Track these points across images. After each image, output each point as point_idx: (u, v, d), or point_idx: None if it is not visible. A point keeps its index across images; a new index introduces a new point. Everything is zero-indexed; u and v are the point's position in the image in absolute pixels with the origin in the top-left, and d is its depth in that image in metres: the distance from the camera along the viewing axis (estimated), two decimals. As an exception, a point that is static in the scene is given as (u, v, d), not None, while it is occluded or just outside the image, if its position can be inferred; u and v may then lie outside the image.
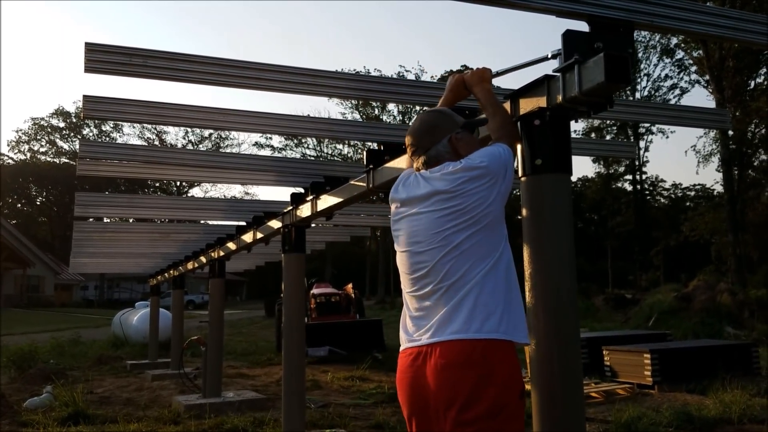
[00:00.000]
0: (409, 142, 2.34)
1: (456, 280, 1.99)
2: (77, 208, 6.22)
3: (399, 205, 2.27)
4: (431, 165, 2.23)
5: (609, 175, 43.13)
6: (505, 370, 1.92)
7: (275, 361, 11.90)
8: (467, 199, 2.05)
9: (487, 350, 1.91)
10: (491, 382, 1.88)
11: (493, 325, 1.93)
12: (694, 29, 2.43)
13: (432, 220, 2.09)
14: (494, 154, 2.11)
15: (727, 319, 15.52)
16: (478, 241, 2.02)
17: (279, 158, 7.34)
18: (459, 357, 1.91)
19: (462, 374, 1.89)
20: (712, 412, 6.28)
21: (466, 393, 1.87)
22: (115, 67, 2.83)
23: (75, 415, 6.55)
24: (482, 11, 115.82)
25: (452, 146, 2.23)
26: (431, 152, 2.24)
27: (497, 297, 1.97)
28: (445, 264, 2.02)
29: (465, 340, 1.92)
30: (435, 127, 2.29)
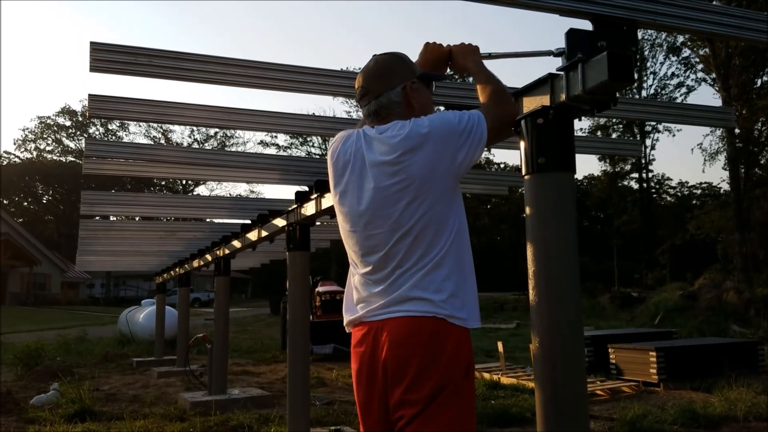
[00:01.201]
0: (358, 84, 2.10)
1: (410, 265, 1.89)
2: (83, 206, 6.25)
3: (339, 174, 2.07)
4: (379, 117, 2.04)
5: (615, 173, 43.04)
6: (451, 348, 1.84)
7: (280, 358, 11.94)
8: (412, 172, 1.88)
9: (436, 329, 1.84)
10: (437, 361, 1.82)
11: (443, 306, 1.85)
12: (698, 28, 2.43)
13: (380, 198, 1.93)
14: (446, 120, 1.91)
15: (733, 318, 15.47)
16: (432, 222, 1.89)
17: (284, 157, 7.37)
18: (408, 334, 1.85)
19: (410, 352, 1.83)
20: (717, 410, 6.27)
21: (413, 371, 1.82)
22: (120, 66, 2.85)
23: (81, 412, 6.60)
24: (487, 10, 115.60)
25: (405, 96, 2.03)
26: (382, 99, 2.03)
27: (450, 277, 1.88)
28: (398, 250, 1.90)
29: (414, 317, 1.85)
30: (390, 70, 2.06)
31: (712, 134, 31.79)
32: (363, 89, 2.08)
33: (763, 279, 23.87)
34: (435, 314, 1.84)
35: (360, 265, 2.02)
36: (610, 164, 42.31)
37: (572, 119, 2.26)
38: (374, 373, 1.91)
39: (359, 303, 2.01)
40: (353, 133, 2.08)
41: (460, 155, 1.90)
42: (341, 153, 2.07)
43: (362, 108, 2.10)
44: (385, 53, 2.11)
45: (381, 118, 2.04)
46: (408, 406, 1.83)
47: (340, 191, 2.06)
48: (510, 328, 18.94)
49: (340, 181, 2.06)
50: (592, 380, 8.18)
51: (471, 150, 1.91)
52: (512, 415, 6.35)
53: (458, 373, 1.84)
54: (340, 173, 2.06)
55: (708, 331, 14.17)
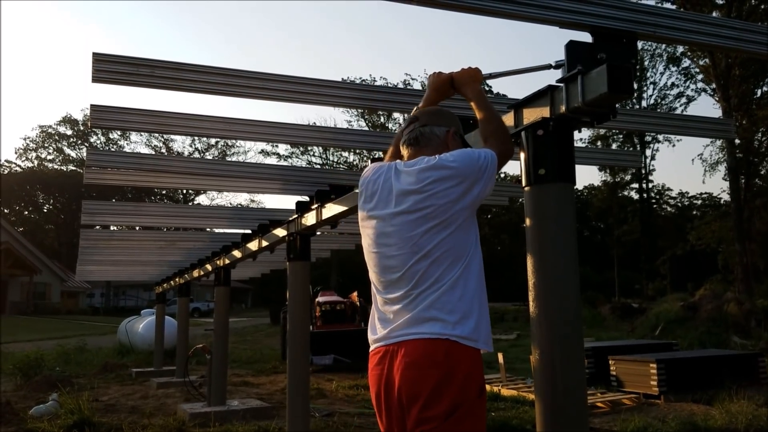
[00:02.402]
0: (410, 116, 2.32)
1: (427, 287, 1.99)
2: (84, 215, 6.26)
3: (368, 199, 2.23)
4: (417, 143, 2.21)
5: (615, 183, 43.05)
6: (464, 370, 1.93)
7: (280, 369, 11.90)
8: (435, 201, 2.02)
9: (450, 351, 1.93)
10: (451, 382, 1.90)
11: (457, 328, 1.94)
12: (697, 40, 2.44)
13: (402, 222, 2.06)
14: (468, 156, 2.07)
15: (734, 329, 15.43)
16: (450, 247, 2.01)
17: (284, 167, 7.37)
18: (422, 356, 1.94)
19: (425, 373, 1.92)
20: (718, 423, 6.24)
21: (428, 391, 1.90)
22: (122, 77, 2.86)
23: (80, 422, 6.56)
24: (489, 21, 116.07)
25: (446, 138, 2.22)
26: (426, 129, 2.22)
27: (464, 301, 1.98)
28: (416, 271, 2.01)
29: (429, 339, 1.94)
30: (442, 115, 2.29)
31: (712, 145, 31.84)
32: (413, 118, 2.28)
33: (764, 290, 23.79)
34: (448, 336, 1.93)
35: (379, 285, 2.14)
36: (610, 174, 42.34)
37: (572, 131, 2.27)
38: (390, 395, 2.01)
39: (379, 323, 2.13)
40: (384, 165, 2.24)
41: (477, 189, 2.04)
42: (371, 181, 2.23)
43: (405, 135, 2.26)
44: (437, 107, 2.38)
45: (418, 145, 2.21)
46: (424, 424, 1.90)
47: (367, 215, 2.21)
48: (510, 338, 18.90)
49: (367, 206, 2.21)
50: (593, 392, 8.15)
51: (486, 184, 2.06)
52: (513, 427, 6.33)
53: (472, 394, 1.93)
54: (369, 199, 2.21)
55: (709, 342, 14.14)
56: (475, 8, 2.11)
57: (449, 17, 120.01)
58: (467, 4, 2.09)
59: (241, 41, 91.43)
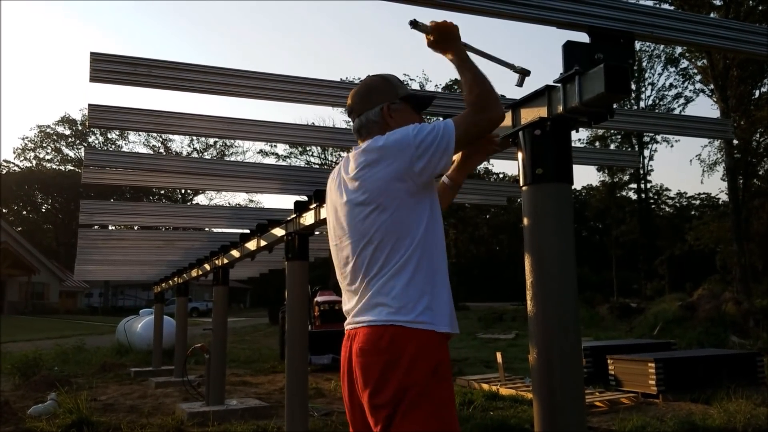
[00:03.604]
0: (347, 102, 2.22)
1: (374, 273, 1.97)
2: (82, 215, 6.26)
3: (328, 192, 2.25)
4: (360, 135, 2.15)
5: (613, 183, 43.10)
6: (411, 353, 1.87)
7: (279, 368, 11.90)
8: (369, 186, 1.98)
9: (394, 336, 1.89)
10: (396, 367, 1.86)
11: (401, 312, 1.90)
12: (695, 40, 2.45)
13: (348, 211, 2.05)
14: (401, 133, 1.98)
15: (732, 329, 15.46)
16: (391, 230, 1.95)
17: (283, 166, 7.38)
18: (368, 343, 1.93)
19: (370, 360, 1.91)
20: (716, 422, 6.25)
21: (375, 378, 1.89)
22: (120, 76, 2.86)
23: (79, 422, 6.56)
24: (487, 21, 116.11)
25: (383, 117, 2.11)
26: (362, 118, 2.14)
27: (414, 284, 1.93)
28: (364, 258, 1.99)
29: (374, 326, 1.93)
30: (372, 91, 2.15)
31: (710, 145, 31.93)
32: (349, 107, 2.20)
33: (762, 290, 23.86)
34: (393, 322, 1.90)
35: (341, 277, 2.14)
36: (608, 175, 42.38)
37: (569, 131, 2.27)
38: (351, 380, 2.02)
39: (346, 313, 2.12)
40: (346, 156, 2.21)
41: (418, 165, 1.94)
42: (332, 174, 2.23)
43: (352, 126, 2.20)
44: (373, 75, 2.21)
45: (362, 136, 2.15)
46: (375, 412, 1.90)
47: (326, 209, 2.24)
48: (509, 338, 18.90)
49: (327, 199, 2.25)
50: (591, 391, 8.16)
51: (433, 160, 1.95)
52: (511, 426, 6.33)
53: (421, 377, 1.86)
54: (328, 192, 2.24)
55: (707, 342, 14.15)
56: (473, 8, 2.11)
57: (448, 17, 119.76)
58: (465, 4, 2.10)
59: (239, 41, 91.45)
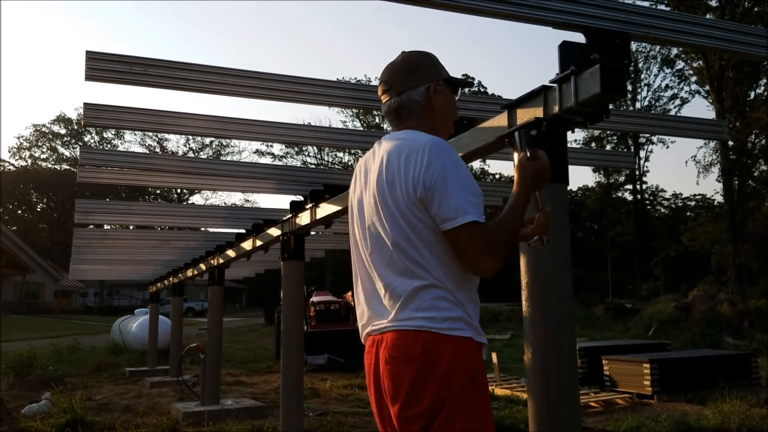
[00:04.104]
0: (381, 79, 2.00)
1: (409, 276, 1.81)
2: (77, 214, 6.24)
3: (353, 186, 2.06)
4: (398, 116, 1.95)
5: (609, 184, 43.19)
6: (446, 362, 1.72)
7: (274, 368, 11.89)
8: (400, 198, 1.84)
9: (429, 342, 1.74)
10: (431, 376, 1.72)
11: (438, 320, 1.76)
12: (690, 41, 2.46)
13: (378, 211, 1.90)
14: (452, 183, 1.75)
15: (727, 329, 15.51)
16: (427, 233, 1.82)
17: (278, 166, 7.38)
18: (399, 350, 1.77)
19: (402, 368, 1.76)
20: (711, 423, 6.27)
21: (407, 388, 1.74)
22: (115, 75, 2.85)
23: (73, 421, 6.54)
24: (485, 20, 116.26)
25: (428, 97, 1.92)
26: (403, 97, 1.93)
27: (448, 288, 1.79)
28: (396, 261, 1.85)
29: (407, 331, 1.77)
30: (417, 69, 1.96)
31: (706, 146, 32.02)
32: (386, 84, 1.97)
33: (756, 291, 23.94)
34: (428, 328, 1.75)
35: (363, 275, 1.99)
36: (604, 175, 42.47)
37: (565, 131, 2.27)
38: (379, 390, 1.88)
39: (367, 314, 1.96)
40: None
41: (433, 210, 1.77)
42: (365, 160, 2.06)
43: (383, 104, 1.99)
44: (414, 51, 2.02)
45: (400, 117, 1.95)
46: (406, 424, 1.75)
47: (352, 202, 2.05)
48: (504, 338, 18.92)
49: (354, 190, 2.04)
50: (586, 392, 8.17)
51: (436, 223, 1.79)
52: (506, 426, 6.34)
53: (459, 384, 1.73)
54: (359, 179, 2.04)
55: (702, 342, 14.20)
56: (470, 8, 2.11)
57: (445, 17, 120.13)
58: (462, 4, 2.10)
59: (236, 40, 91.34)
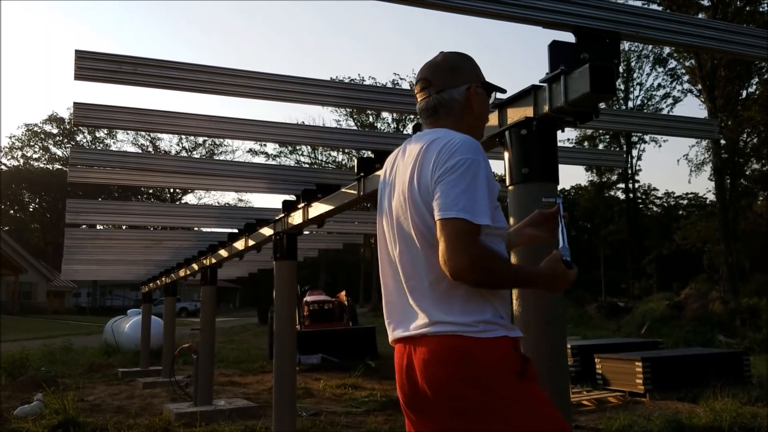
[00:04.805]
0: (420, 76, 1.98)
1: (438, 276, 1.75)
2: (69, 214, 6.22)
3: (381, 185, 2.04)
4: (436, 114, 1.92)
5: (602, 183, 43.34)
6: (485, 366, 1.69)
7: (267, 368, 11.86)
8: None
9: (466, 348, 1.70)
10: (472, 383, 1.68)
11: (472, 321, 1.72)
12: (681, 41, 2.46)
13: (407, 210, 1.87)
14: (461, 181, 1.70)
15: (719, 328, 15.59)
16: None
17: (271, 166, 7.36)
18: (437, 355, 1.71)
19: (441, 376, 1.70)
20: (703, 421, 6.29)
21: (449, 396, 1.69)
22: (105, 74, 2.84)
23: (65, 422, 6.51)
24: (475, 19, 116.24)
25: (468, 97, 1.91)
26: (444, 95, 1.91)
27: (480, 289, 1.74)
28: (426, 260, 1.81)
29: (443, 336, 1.72)
30: (458, 68, 1.95)
31: (698, 145, 32.17)
32: (425, 81, 1.95)
33: (748, 289, 24.07)
34: (463, 332, 1.71)
35: (390, 274, 1.92)
36: (596, 174, 42.60)
37: (555, 130, 2.28)
38: (413, 392, 1.81)
39: (395, 314, 1.90)
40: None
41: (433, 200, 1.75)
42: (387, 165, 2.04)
43: (419, 101, 1.97)
44: (454, 51, 2.01)
45: (437, 115, 1.93)
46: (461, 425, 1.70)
47: (382, 200, 2.02)
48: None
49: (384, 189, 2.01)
50: (578, 390, 8.19)
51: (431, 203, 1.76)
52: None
53: (504, 384, 1.70)
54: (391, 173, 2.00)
55: (694, 341, 14.26)
56: (460, 8, 2.12)
57: (438, 15, 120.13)
58: (451, 3, 2.10)
59: (228, 39, 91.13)
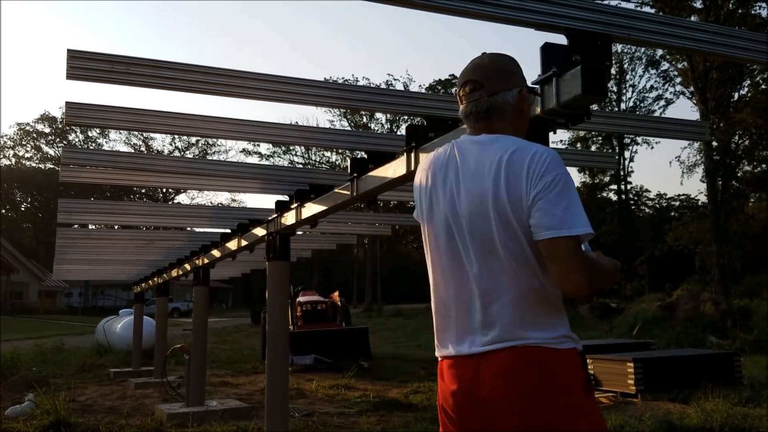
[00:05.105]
0: (467, 78, 1.90)
1: (507, 286, 1.74)
2: (60, 214, 6.19)
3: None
4: (488, 117, 1.86)
5: (594, 184, 43.47)
6: (565, 378, 1.71)
7: (260, 369, 11.84)
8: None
9: (547, 360, 1.70)
10: (553, 395, 1.68)
11: (551, 335, 1.73)
12: (672, 43, 2.47)
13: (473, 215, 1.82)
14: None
15: (710, 329, 15.65)
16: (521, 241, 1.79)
17: (264, 166, 7.37)
18: (519, 368, 1.69)
19: (523, 389, 1.68)
20: (694, 421, 6.32)
21: (533, 411, 1.68)
22: (97, 74, 2.83)
23: (57, 423, 6.49)
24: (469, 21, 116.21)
25: (520, 101, 1.89)
26: (498, 98, 1.85)
27: (547, 299, 1.76)
28: (491, 271, 1.79)
29: (527, 348, 1.71)
30: (509, 71, 1.91)
31: (690, 147, 32.35)
32: (475, 83, 1.87)
33: (740, 290, 24.18)
34: (543, 344, 1.71)
35: (446, 281, 1.86)
36: (589, 176, 42.74)
37: (547, 132, 2.28)
38: (474, 416, 1.75)
39: (454, 325, 1.82)
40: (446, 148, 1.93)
41: (534, 219, 1.71)
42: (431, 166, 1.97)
43: (467, 103, 1.89)
44: (498, 53, 1.96)
45: (489, 119, 1.87)
46: None
47: (432, 204, 1.94)
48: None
49: (432, 191, 1.94)
50: (571, 391, 8.20)
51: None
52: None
53: (579, 397, 1.72)
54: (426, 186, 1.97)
55: (685, 342, 14.31)
56: (451, 9, 2.12)
57: (432, 17, 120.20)
58: (442, 5, 2.10)
59: (222, 40, 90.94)
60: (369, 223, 9.04)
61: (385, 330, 23.04)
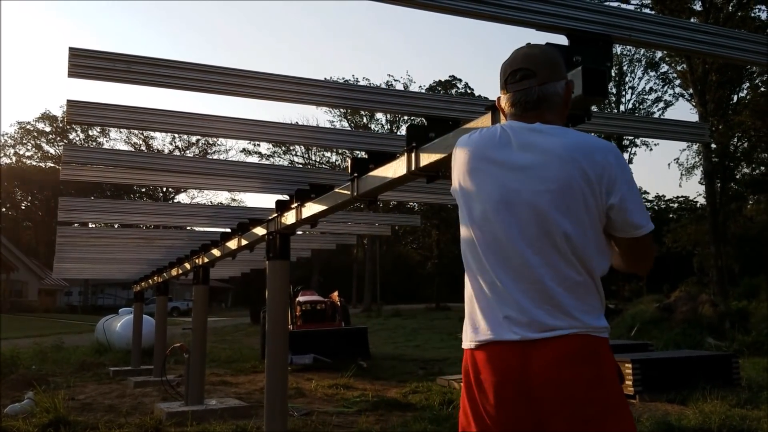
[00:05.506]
0: (516, 66, 1.88)
1: (554, 274, 1.76)
2: (61, 212, 6.20)
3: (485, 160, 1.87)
4: (538, 107, 1.85)
5: (594, 185, 43.40)
6: (610, 366, 1.77)
7: (259, 368, 11.84)
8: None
9: (598, 347, 1.75)
10: (604, 382, 1.73)
11: (599, 323, 1.78)
12: (672, 44, 2.48)
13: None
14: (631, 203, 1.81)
15: (709, 330, 15.63)
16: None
17: (265, 165, 7.37)
18: (575, 353, 1.71)
19: (576, 373, 1.70)
20: (692, 423, 6.32)
21: (579, 398, 1.69)
22: (99, 72, 2.84)
23: (56, 421, 6.49)
24: (471, 21, 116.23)
25: (567, 93, 1.90)
26: (549, 88, 1.85)
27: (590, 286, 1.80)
28: (538, 257, 1.81)
29: (582, 335, 1.73)
30: (558, 63, 1.91)
31: (688, 149, 32.36)
32: (527, 71, 1.86)
33: (738, 292, 24.19)
34: (592, 331, 1.75)
35: (493, 269, 1.82)
36: (589, 177, 42.65)
37: (548, 132, 2.29)
38: (525, 404, 1.73)
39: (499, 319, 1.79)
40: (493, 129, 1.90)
41: (621, 216, 1.83)
42: (475, 150, 1.95)
43: (515, 92, 1.88)
44: (543, 44, 1.99)
45: (539, 108, 1.86)
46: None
47: (481, 190, 1.92)
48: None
49: (481, 176, 1.93)
50: (570, 391, 8.20)
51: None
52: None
53: (618, 385, 1.79)
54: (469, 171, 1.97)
55: (683, 343, 14.31)
56: (454, 9, 2.13)
57: (434, 17, 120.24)
58: (446, 4, 2.11)
59: (223, 39, 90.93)
60: (368, 223, 9.05)
61: (384, 330, 23.05)
